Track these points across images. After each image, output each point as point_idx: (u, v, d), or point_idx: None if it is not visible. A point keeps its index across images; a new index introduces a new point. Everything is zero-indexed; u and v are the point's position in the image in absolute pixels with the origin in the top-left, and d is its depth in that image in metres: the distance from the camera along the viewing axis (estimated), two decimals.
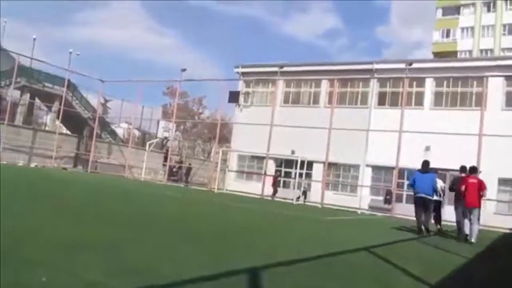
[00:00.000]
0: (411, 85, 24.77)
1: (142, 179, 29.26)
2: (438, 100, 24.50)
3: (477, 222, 10.25)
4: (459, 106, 23.75)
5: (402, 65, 25.21)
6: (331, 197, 24.12)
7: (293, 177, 25.41)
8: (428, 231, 11.32)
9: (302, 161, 24.21)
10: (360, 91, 26.75)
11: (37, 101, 37.37)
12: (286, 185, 26.99)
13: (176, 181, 32.09)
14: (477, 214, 10.20)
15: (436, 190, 11.49)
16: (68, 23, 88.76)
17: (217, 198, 18.29)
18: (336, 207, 21.96)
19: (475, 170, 10.96)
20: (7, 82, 30.75)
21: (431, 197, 11.18)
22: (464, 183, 10.34)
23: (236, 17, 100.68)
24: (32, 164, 27.95)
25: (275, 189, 25.17)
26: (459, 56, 49.17)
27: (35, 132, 30.64)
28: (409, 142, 21.94)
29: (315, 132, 23.97)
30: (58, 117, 33.94)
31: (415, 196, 11.34)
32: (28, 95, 34.33)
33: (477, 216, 10.22)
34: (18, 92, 33.54)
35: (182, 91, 43.94)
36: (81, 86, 36.45)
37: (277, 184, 25.77)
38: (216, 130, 29.60)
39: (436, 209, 12.37)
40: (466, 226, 10.27)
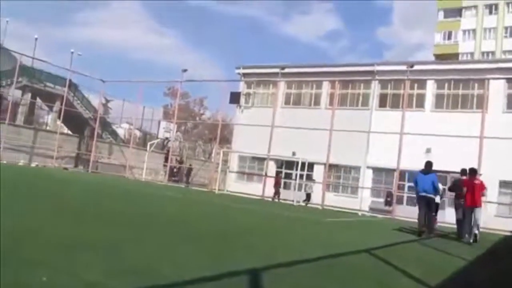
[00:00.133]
0: (412, 87, 24.76)
1: (143, 180, 29.27)
2: (439, 102, 24.50)
3: (479, 217, 10.89)
4: (460, 109, 23.76)
5: (404, 67, 25.20)
6: (332, 199, 24.10)
7: (294, 179, 25.41)
8: (430, 232, 11.44)
9: (303, 163, 24.21)
10: (361, 93, 26.75)
11: (39, 101, 37.40)
12: (287, 187, 26.97)
13: (177, 182, 32.12)
14: (479, 213, 10.84)
15: (438, 190, 11.70)
16: (69, 23, 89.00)
17: (218, 199, 18.29)
18: (337, 209, 21.93)
19: (475, 172, 11.47)
20: (9, 82, 30.78)
21: (434, 196, 11.42)
22: (469, 185, 10.86)
23: (237, 18, 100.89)
24: (33, 164, 27.97)
25: (278, 191, 25.16)
26: (461, 58, 49.16)
27: (36, 132, 30.66)
28: (410, 144, 21.90)
29: (316, 134, 23.93)
30: (59, 117, 33.96)
31: (418, 196, 11.58)
32: (30, 95, 34.39)
33: (479, 213, 10.86)
34: (20, 92, 33.62)
35: (183, 92, 44.03)
36: (83, 86, 36.58)
37: (279, 186, 25.75)
38: (217, 131, 29.59)
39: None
40: (471, 230, 10.69)
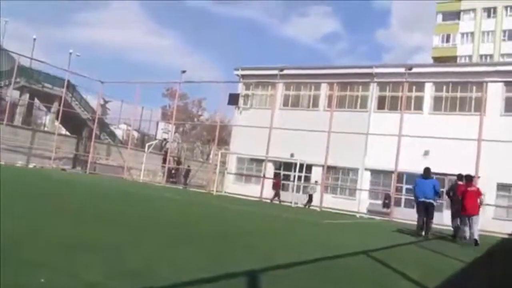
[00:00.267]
0: (411, 90, 24.81)
1: (141, 181, 29.24)
2: (438, 105, 24.55)
3: (477, 224, 10.92)
4: (458, 111, 23.81)
5: (402, 70, 25.23)
6: (330, 201, 24.12)
7: (292, 180, 25.41)
8: (427, 234, 11.68)
9: (301, 164, 24.22)
10: (360, 95, 26.79)
11: (37, 102, 37.32)
12: (285, 188, 26.98)
13: (175, 183, 32.09)
14: (477, 220, 10.88)
15: (439, 195, 12.02)
16: (68, 24, 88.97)
17: (216, 200, 18.28)
18: (335, 211, 21.94)
19: (471, 179, 11.61)
20: (7, 82, 30.73)
21: (433, 201, 11.68)
22: (464, 192, 11.00)
23: (236, 19, 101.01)
24: (31, 165, 27.92)
25: (278, 193, 25.13)
26: (459, 61, 49.28)
27: (34, 133, 30.62)
28: (408, 146, 21.95)
29: (314, 135, 23.94)
30: (57, 118, 33.91)
31: (417, 201, 11.86)
32: (28, 96, 34.29)
33: (477, 221, 10.88)
34: (18, 93, 33.51)
35: (182, 93, 43.98)
36: (81, 87, 36.50)
37: (277, 187, 25.70)
38: (215, 132, 29.60)
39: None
40: (466, 233, 10.89)
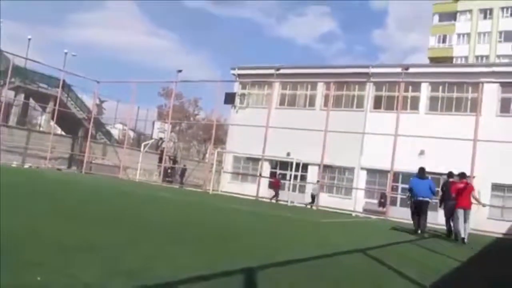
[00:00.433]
0: (407, 90, 24.88)
1: (137, 180, 29.17)
2: (434, 105, 24.64)
3: (468, 223, 11.14)
4: (454, 111, 23.90)
5: (398, 70, 25.31)
6: (326, 200, 24.18)
7: (288, 179, 25.43)
8: (423, 233, 11.94)
9: (297, 163, 24.24)
10: (356, 95, 26.84)
11: (32, 102, 37.16)
12: (281, 187, 26.97)
13: (171, 182, 32.03)
14: (468, 215, 11.14)
15: (434, 194, 12.37)
16: (64, 24, 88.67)
17: (212, 200, 18.27)
18: (331, 210, 21.99)
19: (464, 176, 11.93)
20: (2, 83, 30.56)
21: (429, 199, 12.06)
22: (460, 189, 11.20)
23: (233, 20, 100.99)
24: (26, 165, 27.79)
25: (277, 192, 25.10)
26: (455, 62, 49.49)
27: (29, 133, 30.49)
28: (404, 146, 22.00)
29: (311, 135, 23.91)
30: (53, 118, 33.76)
31: (414, 200, 12.17)
32: (23, 96, 34.14)
33: (469, 216, 11.14)
34: (13, 93, 33.36)
35: (178, 93, 43.89)
36: (76, 87, 36.37)
37: (277, 187, 25.64)
38: (212, 132, 29.57)
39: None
40: (464, 230, 10.87)
